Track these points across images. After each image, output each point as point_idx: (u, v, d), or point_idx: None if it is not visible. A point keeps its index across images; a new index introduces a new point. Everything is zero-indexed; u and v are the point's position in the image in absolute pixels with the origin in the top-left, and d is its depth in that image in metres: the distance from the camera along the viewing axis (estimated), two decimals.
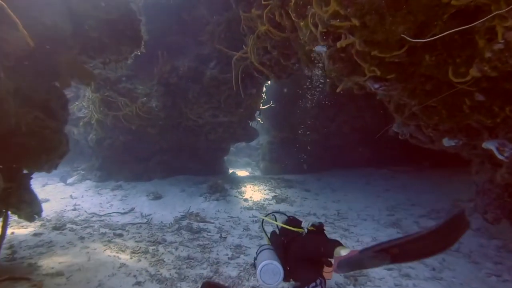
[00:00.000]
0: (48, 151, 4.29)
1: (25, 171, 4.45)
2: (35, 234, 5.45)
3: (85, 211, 7.88)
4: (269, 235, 3.85)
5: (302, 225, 3.70)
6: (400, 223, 7.13)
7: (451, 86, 3.40)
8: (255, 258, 3.41)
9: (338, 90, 4.59)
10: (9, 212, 4.37)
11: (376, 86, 3.86)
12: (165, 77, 9.00)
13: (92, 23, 4.23)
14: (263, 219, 4.01)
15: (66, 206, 8.48)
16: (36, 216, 4.76)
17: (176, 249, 5.36)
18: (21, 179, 4.31)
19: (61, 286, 3.58)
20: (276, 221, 3.86)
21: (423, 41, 2.71)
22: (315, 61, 5.00)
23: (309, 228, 3.69)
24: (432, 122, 4.21)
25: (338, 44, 3.48)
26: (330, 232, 6.67)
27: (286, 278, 3.09)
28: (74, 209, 8.15)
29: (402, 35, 2.78)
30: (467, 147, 5.02)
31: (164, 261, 4.80)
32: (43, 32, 3.72)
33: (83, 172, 11.25)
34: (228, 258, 5.17)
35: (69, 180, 11.00)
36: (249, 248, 5.67)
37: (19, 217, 4.64)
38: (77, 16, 4.02)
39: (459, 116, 3.69)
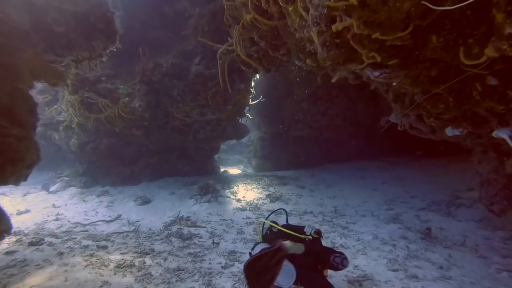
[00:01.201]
0: (13, 162, 3.84)
1: None
2: (7, 253, 4.99)
3: (68, 221, 7.42)
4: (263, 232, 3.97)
5: (305, 230, 3.69)
6: (401, 217, 6.83)
7: (459, 70, 3.05)
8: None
9: (333, 81, 4.22)
10: None
11: (376, 74, 3.48)
12: (148, 75, 8.51)
13: (56, 16, 3.78)
14: (264, 222, 3.99)
15: (48, 216, 7.98)
16: (5, 235, 4.32)
17: (165, 259, 4.96)
18: None
19: None
20: (271, 221, 3.93)
21: (442, 9, 2.34)
22: (306, 50, 4.60)
23: (313, 235, 3.63)
24: (436, 111, 3.86)
25: (333, 28, 3.09)
26: (329, 231, 6.35)
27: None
28: (56, 219, 7.67)
29: (422, 1, 2.39)
30: (472, 136, 4.71)
31: (151, 275, 4.40)
32: None
33: (66, 178, 10.72)
34: (222, 267, 4.78)
35: (52, 188, 10.46)
36: (244, 254, 5.29)
37: None
38: (37, 8, 3.56)
39: (468, 103, 3.34)
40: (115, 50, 5.12)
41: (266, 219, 3.95)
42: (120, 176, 10.10)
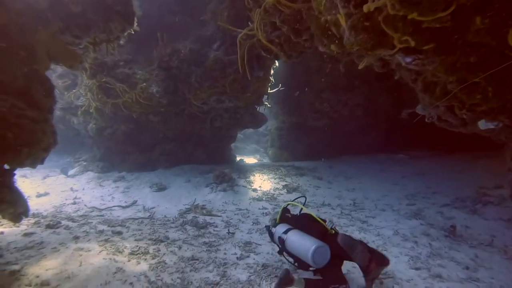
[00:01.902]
0: (29, 144, 3.78)
1: (6, 167, 3.95)
2: (25, 234, 5.00)
3: (85, 205, 7.47)
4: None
5: (327, 225, 3.78)
6: (423, 213, 6.55)
7: (504, 56, 2.78)
8: (269, 228, 4.20)
9: (360, 67, 3.97)
10: None
11: (408, 60, 3.23)
12: (166, 60, 8.39)
13: None
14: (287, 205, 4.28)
15: (66, 199, 8.07)
16: (23, 217, 4.30)
17: (180, 248, 4.87)
18: (2, 178, 3.82)
19: None
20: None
21: None
22: (331, 35, 4.35)
23: (335, 230, 3.75)
24: (471, 102, 3.58)
25: (365, 8, 2.86)
26: (347, 225, 6.15)
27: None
28: (74, 203, 7.74)
29: None
30: (507, 130, 4.39)
31: (165, 263, 4.31)
32: (13, 5, 3.15)
33: (84, 163, 10.82)
34: (237, 258, 4.66)
35: (71, 172, 10.59)
36: (260, 245, 5.16)
37: (3, 217, 4.18)
38: None
39: (510, 93, 3.07)
40: (133, 33, 5.00)
41: (292, 201, 4.18)
42: (136, 162, 10.11)
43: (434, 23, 2.60)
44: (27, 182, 10.12)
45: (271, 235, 4.13)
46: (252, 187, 8.57)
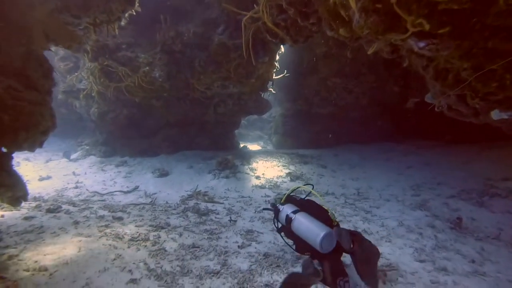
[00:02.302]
0: (27, 127, 3.68)
1: (3, 150, 3.87)
2: (26, 218, 4.96)
3: (87, 189, 7.43)
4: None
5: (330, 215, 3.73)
6: (428, 204, 6.43)
7: None
8: (275, 205, 4.15)
9: (369, 52, 3.80)
10: None
11: (421, 45, 3.06)
12: (169, 44, 8.20)
13: None
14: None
15: (68, 183, 8.05)
16: (22, 201, 4.23)
17: (180, 235, 4.81)
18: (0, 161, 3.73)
19: (40, 287, 3.04)
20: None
21: None
22: (340, 18, 4.17)
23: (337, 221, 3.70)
24: (486, 90, 3.42)
25: None
26: (351, 215, 6.06)
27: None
28: (76, 187, 7.72)
29: None
30: None
31: (165, 251, 4.25)
32: None
33: (87, 147, 10.76)
34: (238, 246, 4.59)
35: (73, 156, 10.55)
36: (262, 234, 5.09)
37: (2, 201, 4.12)
38: None
39: None
40: (134, 14, 4.83)
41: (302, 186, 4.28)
42: (139, 147, 10.04)
43: (452, 4, 2.43)
44: (30, 165, 10.12)
45: (277, 212, 4.02)
46: (255, 174, 8.48)
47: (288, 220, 3.70)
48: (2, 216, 5.07)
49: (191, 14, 8.63)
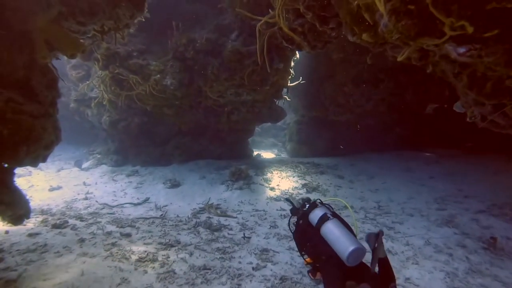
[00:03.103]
0: (27, 142, 3.45)
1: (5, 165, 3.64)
2: (30, 235, 4.73)
3: (96, 201, 7.23)
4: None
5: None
6: (455, 220, 5.98)
7: None
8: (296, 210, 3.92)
9: (400, 59, 3.45)
10: None
11: (461, 50, 2.70)
12: (181, 51, 7.98)
13: None
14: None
15: (78, 194, 7.88)
16: (25, 219, 4.01)
17: (191, 254, 4.51)
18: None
19: None
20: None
21: None
22: (363, 22, 3.83)
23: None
24: None
25: None
26: (372, 231, 5.65)
27: None
28: (86, 198, 7.52)
29: None
30: None
31: (175, 273, 3.95)
32: None
33: (98, 156, 10.63)
34: (253, 268, 4.26)
35: (85, 165, 10.42)
36: (277, 253, 4.75)
37: (2, 220, 3.90)
38: None
39: None
40: (143, 20, 4.60)
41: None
42: (150, 156, 9.84)
43: (506, 2, 2.07)
44: (42, 174, 10.02)
45: (306, 212, 3.66)
46: (270, 186, 8.15)
47: (320, 222, 3.40)
48: (7, 232, 4.87)
49: (204, 20, 8.42)
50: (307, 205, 3.73)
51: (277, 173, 9.12)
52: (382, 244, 3.21)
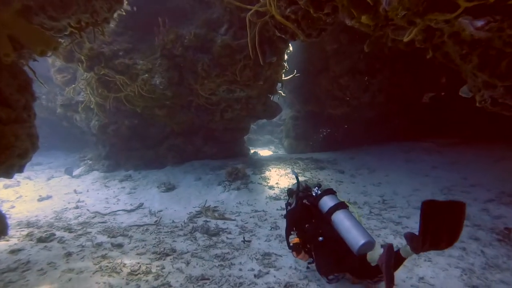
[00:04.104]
0: None
1: None
2: (12, 251, 4.38)
3: (88, 210, 6.90)
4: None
5: None
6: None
7: None
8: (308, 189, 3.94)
9: (406, 40, 3.13)
10: None
11: (479, 23, 2.39)
12: (169, 48, 7.62)
13: None
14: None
15: (69, 203, 7.54)
16: (2, 236, 3.67)
17: (188, 263, 4.18)
18: None
19: None
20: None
21: None
22: (362, 3, 3.51)
23: None
24: None
25: None
26: (379, 227, 5.37)
27: None
28: (76, 207, 7.19)
29: None
30: None
31: (170, 286, 3.62)
32: None
33: (90, 162, 10.26)
34: (255, 275, 3.94)
35: (76, 172, 10.05)
36: (280, 257, 4.43)
37: None
38: None
39: None
40: (124, 13, 4.26)
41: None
42: (143, 159, 9.50)
43: None
44: (30, 184, 9.65)
45: (314, 196, 3.73)
46: (269, 184, 7.83)
47: (334, 208, 3.46)
48: None
49: (191, 15, 8.06)
50: (317, 189, 3.77)
51: (276, 171, 8.80)
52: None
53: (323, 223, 3.50)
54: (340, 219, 3.34)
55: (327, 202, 3.55)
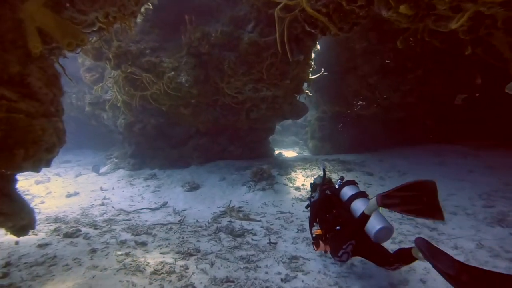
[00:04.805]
0: (25, 144, 3.07)
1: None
2: (40, 245, 4.40)
3: (113, 207, 6.91)
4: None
5: None
6: (508, 218, 5.28)
7: None
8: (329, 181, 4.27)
9: (454, 27, 2.88)
10: None
11: None
12: (195, 46, 7.55)
13: None
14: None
15: (95, 200, 7.60)
16: (29, 230, 3.66)
17: (212, 264, 4.05)
18: None
19: None
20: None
21: None
22: None
23: None
24: None
25: None
26: (413, 233, 5.06)
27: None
28: (102, 204, 7.23)
29: None
30: None
31: (194, 287, 3.49)
32: None
33: (116, 160, 10.37)
34: (281, 279, 3.76)
35: (102, 170, 10.18)
36: (308, 260, 4.23)
37: (6, 231, 3.56)
38: None
39: None
40: (151, 7, 4.19)
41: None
42: (168, 158, 9.50)
43: None
44: (60, 180, 9.85)
45: (340, 186, 3.84)
46: (295, 185, 7.62)
47: (354, 197, 3.55)
48: (17, 243, 4.55)
49: (218, 13, 7.98)
50: (340, 181, 3.90)
51: (302, 172, 8.58)
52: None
53: (343, 211, 3.55)
54: (359, 206, 3.38)
55: (347, 192, 3.66)
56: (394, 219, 5.69)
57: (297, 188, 7.44)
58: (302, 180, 7.96)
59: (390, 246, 4.31)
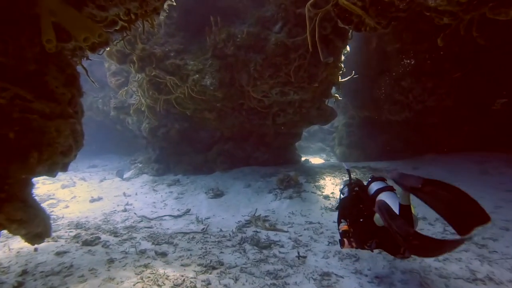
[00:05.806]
0: (39, 147, 2.87)
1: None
2: (58, 253, 4.22)
3: (135, 213, 6.72)
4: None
5: None
6: None
7: None
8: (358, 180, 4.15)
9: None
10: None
11: None
12: (220, 47, 7.33)
13: None
14: None
15: (118, 205, 7.47)
16: (44, 238, 3.45)
17: (236, 280, 3.71)
18: (10, 190, 2.94)
19: None
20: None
21: None
22: None
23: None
24: None
25: None
26: (459, 250, 4.52)
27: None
28: (124, 210, 7.08)
29: None
30: None
31: None
32: None
33: (140, 165, 10.28)
34: None
35: (126, 175, 10.11)
36: (342, 278, 3.82)
37: (21, 238, 3.37)
38: None
39: None
40: (174, 3, 3.96)
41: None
42: (192, 164, 9.29)
43: None
44: (85, 185, 9.85)
45: (368, 183, 3.83)
46: (323, 194, 7.20)
47: (379, 191, 3.51)
48: (36, 249, 4.39)
49: (244, 15, 7.73)
50: (370, 179, 3.87)
51: (330, 180, 8.14)
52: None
53: (369, 205, 3.50)
54: (382, 197, 3.34)
55: (374, 187, 3.65)
56: (435, 232, 5.19)
57: (326, 197, 7.02)
58: (331, 189, 7.52)
59: None
